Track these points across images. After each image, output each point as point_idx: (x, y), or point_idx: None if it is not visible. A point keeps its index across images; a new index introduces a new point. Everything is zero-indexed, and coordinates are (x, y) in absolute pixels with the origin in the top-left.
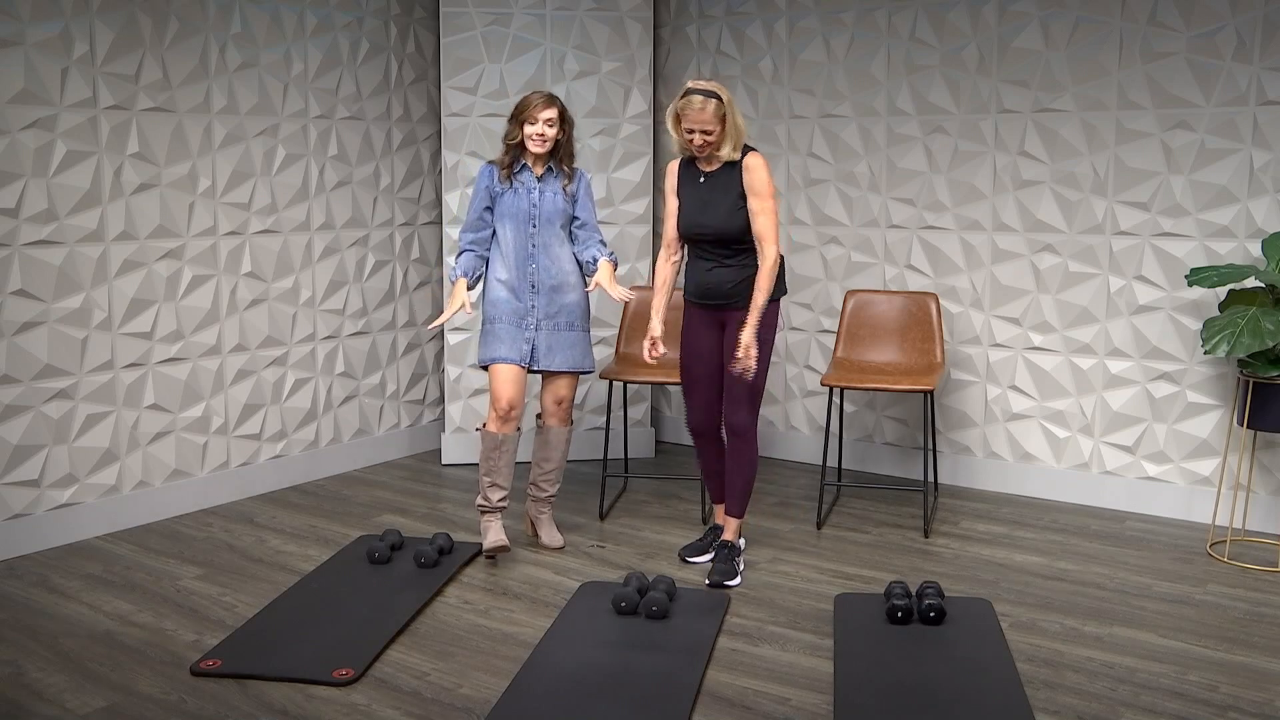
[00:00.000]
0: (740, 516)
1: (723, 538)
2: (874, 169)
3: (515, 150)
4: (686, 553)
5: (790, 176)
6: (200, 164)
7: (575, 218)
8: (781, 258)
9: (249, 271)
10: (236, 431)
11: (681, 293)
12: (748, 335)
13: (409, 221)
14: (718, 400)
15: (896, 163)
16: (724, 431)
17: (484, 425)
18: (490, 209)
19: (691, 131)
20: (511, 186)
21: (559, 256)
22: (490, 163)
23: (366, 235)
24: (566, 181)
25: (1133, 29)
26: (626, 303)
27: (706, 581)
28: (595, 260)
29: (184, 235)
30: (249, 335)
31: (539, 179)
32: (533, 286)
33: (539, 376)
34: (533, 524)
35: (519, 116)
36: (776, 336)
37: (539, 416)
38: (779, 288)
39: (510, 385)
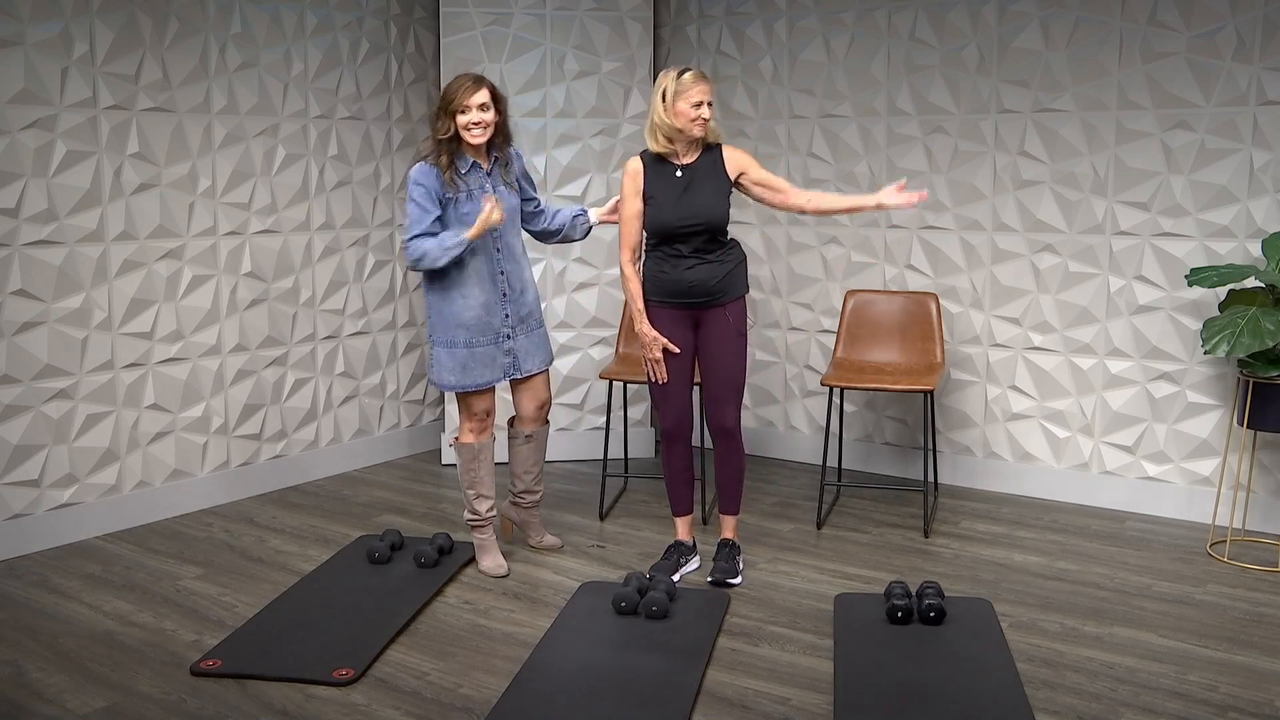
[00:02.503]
0: (738, 513)
1: (724, 536)
2: (874, 169)
3: (450, 146)
4: (658, 571)
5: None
6: (200, 164)
7: (530, 200)
8: (744, 254)
9: (249, 271)
10: (236, 431)
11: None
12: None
13: None
14: (691, 402)
15: (896, 163)
16: (710, 433)
17: (456, 438)
18: (439, 218)
19: (700, 104)
20: (466, 192)
21: (520, 257)
22: (423, 159)
23: (366, 235)
24: (506, 168)
25: (1133, 29)
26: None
27: (709, 579)
28: (582, 212)
29: (184, 235)
30: (249, 335)
31: (489, 175)
32: (504, 296)
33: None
34: (513, 527)
35: (448, 107)
36: (750, 333)
37: (512, 423)
38: (744, 284)
39: (487, 397)
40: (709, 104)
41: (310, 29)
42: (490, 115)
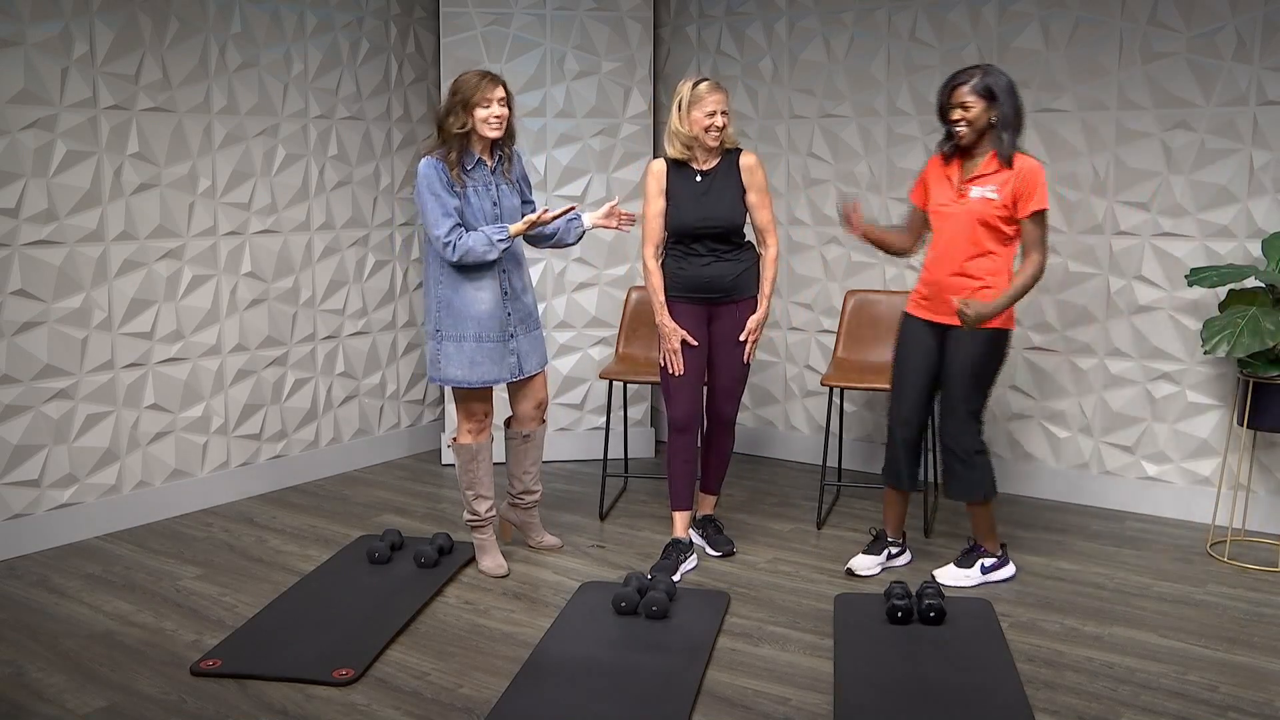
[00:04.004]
0: (719, 493)
1: (707, 513)
2: (874, 169)
3: (462, 141)
4: (659, 571)
5: (790, 176)
6: (200, 164)
7: (528, 203)
8: (757, 256)
9: (249, 271)
10: (236, 431)
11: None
12: (757, 320)
13: (409, 221)
14: (702, 396)
15: (896, 163)
16: (709, 421)
17: (455, 439)
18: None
19: (714, 114)
20: (470, 187)
21: (521, 258)
22: (429, 155)
23: (366, 235)
24: (508, 166)
25: (1133, 29)
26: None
27: (720, 553)
28: (576, 216)
29: (184, 235)
30: (249, 335)
31: (493, 172)
32: (505, 294)
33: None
34: (513, 529)
35: (467, 101)
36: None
37: (509, 424)
38: (757, 284)
39: (487, 398)
40: (723, 113)
41: (310, 29)
42: (506, 111)
